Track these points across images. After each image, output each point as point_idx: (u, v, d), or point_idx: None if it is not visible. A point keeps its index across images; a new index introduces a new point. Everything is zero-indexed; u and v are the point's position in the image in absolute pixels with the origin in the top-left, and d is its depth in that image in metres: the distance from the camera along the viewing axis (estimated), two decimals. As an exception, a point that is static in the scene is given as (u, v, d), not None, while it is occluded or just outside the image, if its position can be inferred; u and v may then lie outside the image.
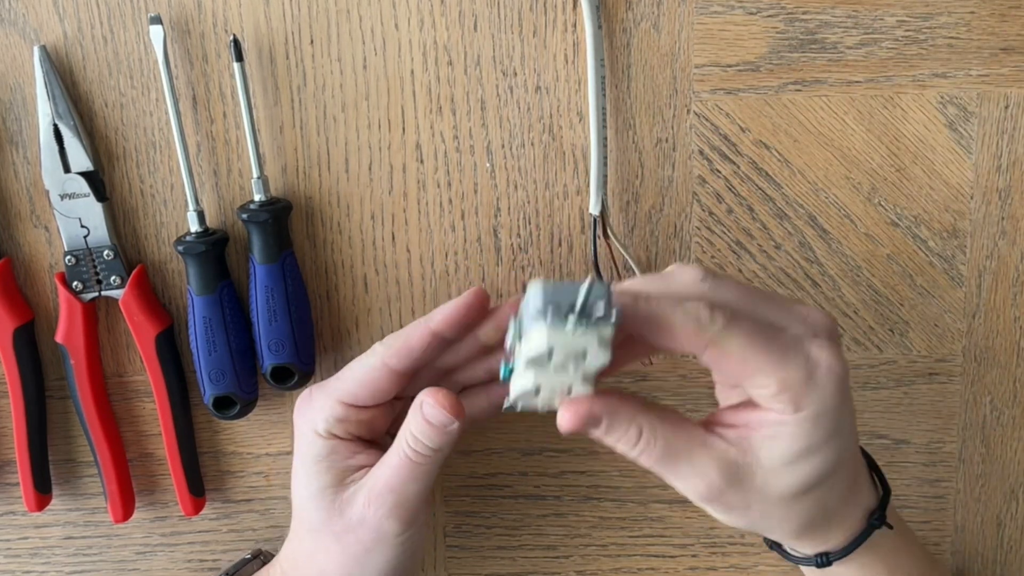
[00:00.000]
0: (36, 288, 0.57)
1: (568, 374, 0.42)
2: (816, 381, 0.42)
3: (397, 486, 0.49)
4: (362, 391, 0.50)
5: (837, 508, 0.46)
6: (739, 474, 0.43)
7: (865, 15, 0.53)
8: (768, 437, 0.43)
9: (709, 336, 0.41)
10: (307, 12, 0.53)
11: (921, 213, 0.56)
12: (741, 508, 0.44)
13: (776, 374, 0.42)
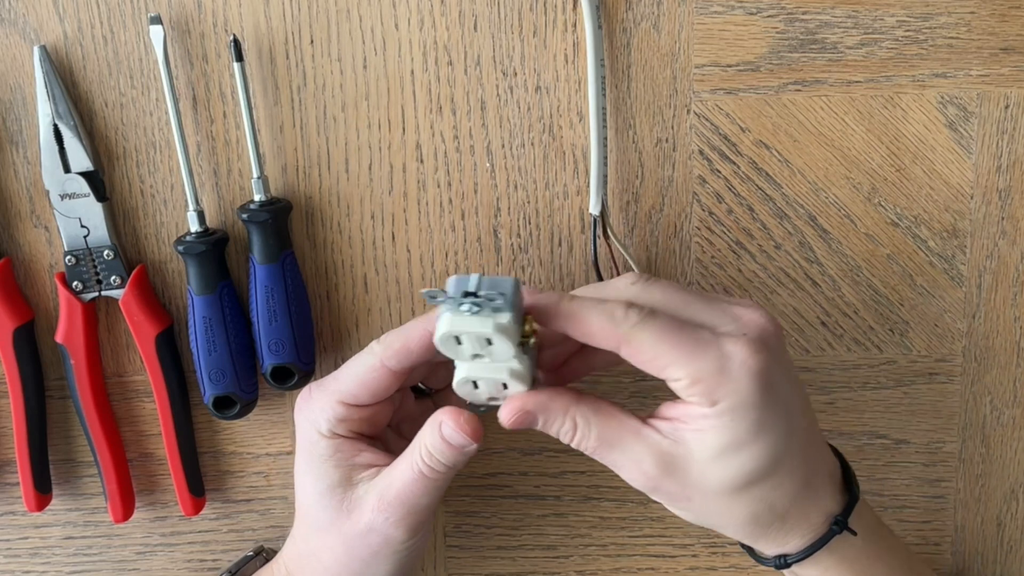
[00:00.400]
0: (36, 288, 0.57)
1: (498, 371, 0.45)
2: (729, 375, 0.43)
3: (408, 499, 0.49)
4: (361, 391, 0.50)
5: (789, 508, 0.47)
6: (674, 464, 0.45)
7: (865, 15, 0.53)
8: (696, 430, 0.45)
9: (622, 332, 0.44)
10: (307, 12, 0.53)
11: (921, 213, 0.56)
12: (683, 500, 0.47)
13: (686, 367, 0.43)
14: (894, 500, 0.60)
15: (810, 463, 0.47)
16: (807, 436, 0.47)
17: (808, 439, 0.47)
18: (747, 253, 0.56)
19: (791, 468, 0.46)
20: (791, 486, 0.46)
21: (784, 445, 0.45)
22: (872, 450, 0.59)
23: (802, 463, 0.46)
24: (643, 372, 0.58)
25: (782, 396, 0.45)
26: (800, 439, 0.46)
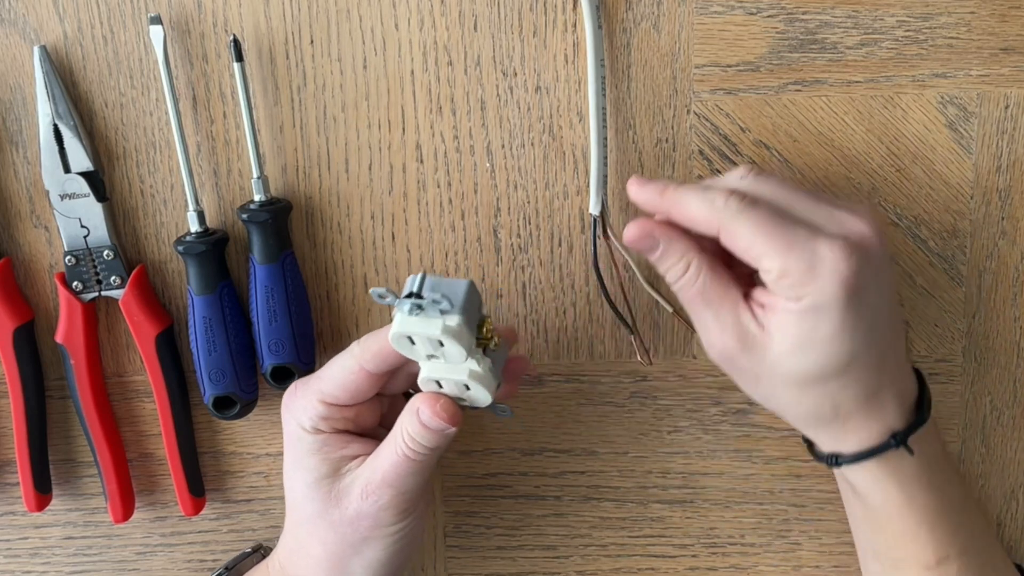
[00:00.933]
0: (36, 288, 0.57)
1: (458, 372, 0.47)
2: (817, 275, 0.44)
3: (395, 480, 0.49)
4: (341, 392, 0.50)
5: (851, 412, 0.48)
6: (753, 345, 0.46)
7: (865, 15, 0.53)
8: (779, 322, 0.46)
9: (721, 219, 0.45)
10: (307, 12, 0.53)
11: (921, 213, 0.56)
12: (752, 380, 0.48)
13: (777, 260, 0.44)
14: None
15: (884, 375, 0.47)
16: (886, 349, 0.47)
17: (886, 352, 0.47)
18: (747, 253, 0.56)
19: (861, 375, 0.46)
20: (858, 390, 0.47)
21: (858, 351, 0.46)
22: (872, 450, 0.59)
23: (875, 373, 0.47)
24: (644, 372, 0.58)
25: (868, 305, 0.45)
26: (877, 350, 0.46)
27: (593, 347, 0.58)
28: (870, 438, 0.48)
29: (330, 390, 0.50)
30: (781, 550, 0.61)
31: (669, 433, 0.59)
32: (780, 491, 0.60)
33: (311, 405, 0.51)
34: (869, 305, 0.45)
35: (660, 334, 0.57)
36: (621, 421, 0.59)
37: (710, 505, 0.60)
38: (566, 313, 0.57)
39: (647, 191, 0.48)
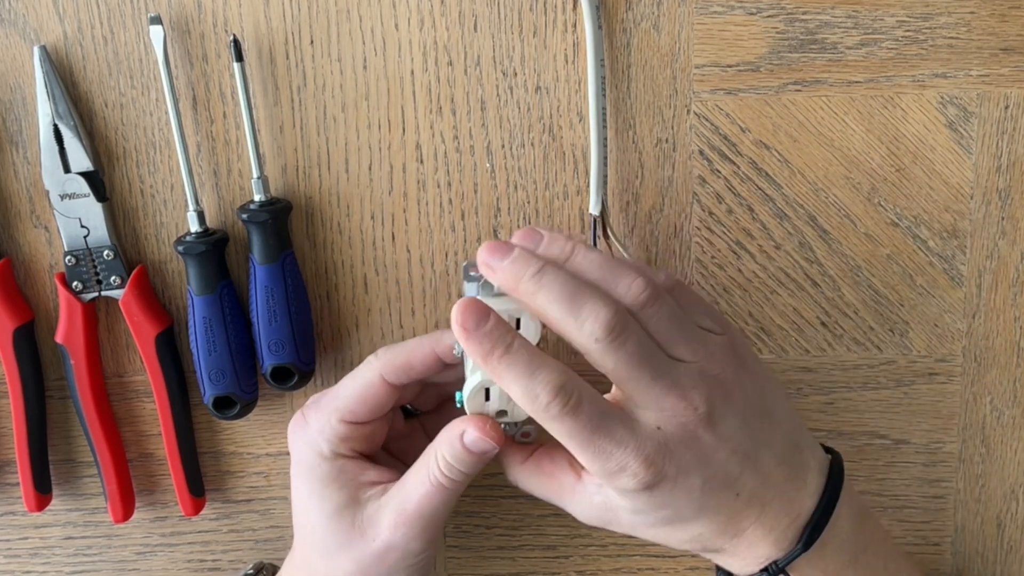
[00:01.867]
0: (36, 288, 0.57)
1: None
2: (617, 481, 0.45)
3: (428, 511, 0.49)
4: (361, 407, 0.50)
5: (718, 548, 0.48)
6: (608, 511, 0.47)
7: (865, 15, 0.53)
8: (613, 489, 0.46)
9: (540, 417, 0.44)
10: (307, 12, 0.53)
11: (921, 213, 0.56)
12: (629, 532, 0.48)
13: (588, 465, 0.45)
14: (894, 500, 0.60)
15: (735, 522, 0.47)
16: (726, 503, 0.46)
17: (728, 505, 0.46)
18: (747, 253, 0.56)
19: (706, 529, 0.47)
20: (712, 537, 0.47)
21: (688, 517, 0.46)
22: (872, 450, 0.59)
23: (720, 525, 0.47)
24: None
25: (684, 486, 0.45)
26: (714, 512, 0.46)
27: (593, 347, 0.58)
28: (747, 567, 0.48)
29: (348, 406, 0.50)
30: (781, 550, 0.61)
31: (669, 433, 0.59)
32: (780, 491, 0.60)
33: (328, 426, 0.50)
34: (690, 484, 0.45)
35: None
36: (621, 421, 0.59)
37: (710, 505, 0.60)
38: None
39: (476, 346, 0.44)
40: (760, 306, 0.57)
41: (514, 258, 0.45)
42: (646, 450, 0.44)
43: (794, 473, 0.47)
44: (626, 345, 0.44)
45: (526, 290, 0.44)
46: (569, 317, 0.44)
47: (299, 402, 0.59)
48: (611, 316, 0.44)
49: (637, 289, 0.45)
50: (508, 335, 0.44)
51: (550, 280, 0.44)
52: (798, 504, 0.47)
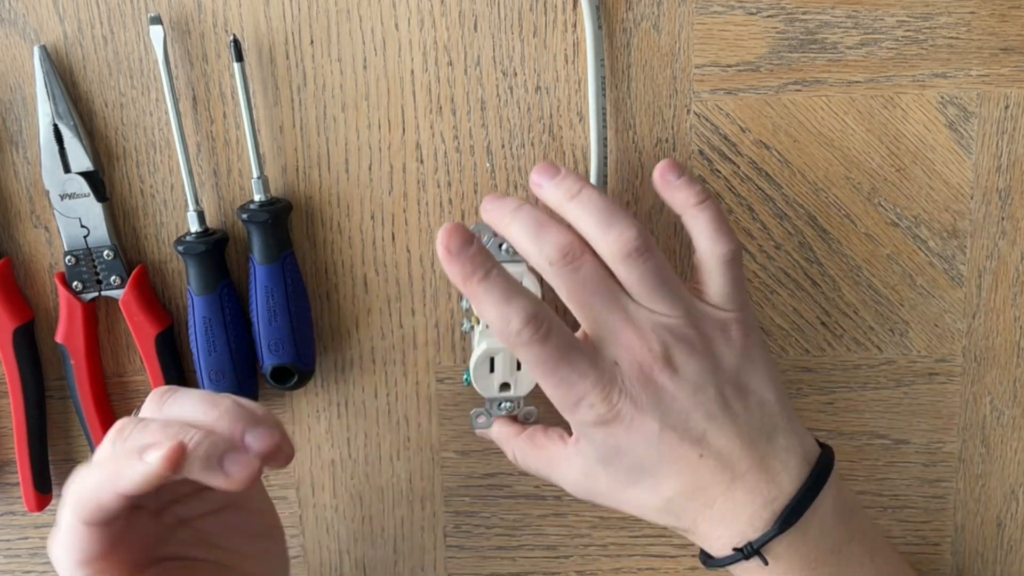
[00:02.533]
0: (36, 288, 0.57)
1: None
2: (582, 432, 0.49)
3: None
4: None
5: (691, 522, 0.48)
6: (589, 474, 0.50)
7: (865, 15, 0.53)
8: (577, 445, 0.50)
9: (510, 343, 0.47)
10: (307, 12, 0.53)
11: (921, 213, 0.56)
12: (602, 499, 0.50)
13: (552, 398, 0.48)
14: (894, 500, 0.60)
15: (702, 487, 0.47)
16: (689, 461, 0.47)
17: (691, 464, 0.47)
18: (747, 253, 0.56)
19: (673, 491, 0.48)
20: (682, 507, 0.48)
21: (648, 464, 0.48)
22: (872, 450, 0.59)
23: (687, 487, 0.48)
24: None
25: (642, 427, 0.47)
26: (674, 465, 0.47)
27: (593, 347, 0.58)
28: (723, 546, 0.48)
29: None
30: (781, 550, 0.61)
31: (669, 433, 0.59)
32: (780, 491, 0.60)
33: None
34: (648, 426, 0.47)
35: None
36: (621, 421, 0.59)
37: (710, 505, 0.60)
38: (566, 313, 0.57)
39: (457, 270, 0.46)
40: (760, 306, 0.57)
41: (504, 201, 0.50)
42: (603, 381, 0.47)
43: (768, 453, 0.48)
44: (581, 269, 0.47)
45: (504, 221, 0.49)
46: (531, 241, 0.48)
47: (299, 402, 0.59)
48: (566, 240, 0.47)
49: (627, 237, 0.47)
50: (489, 261, 0.46)
51: (524, 213, 0.48)
52: (775, 487, 0.47)
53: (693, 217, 0.49)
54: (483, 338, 0.53)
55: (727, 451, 0.47)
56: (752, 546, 0.47)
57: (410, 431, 0.59)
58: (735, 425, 0.47)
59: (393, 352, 0.58)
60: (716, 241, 0.49)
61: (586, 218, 0.48)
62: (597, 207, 0.48)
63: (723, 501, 0.47)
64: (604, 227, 0.47)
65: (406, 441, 0.59)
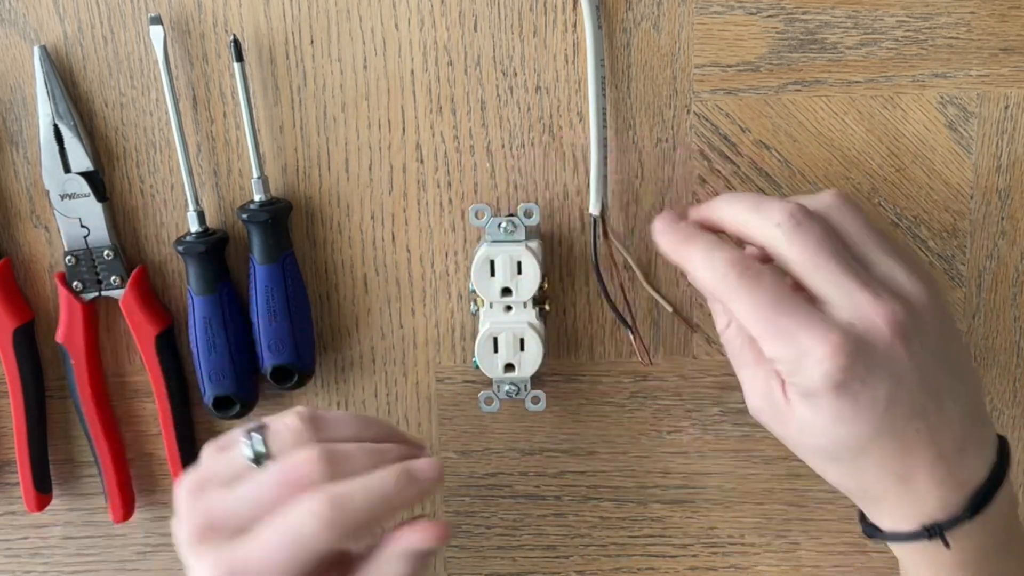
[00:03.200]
0: (36, 288, 0.57)
1: (519, 324, 0.54)
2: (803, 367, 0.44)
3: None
4: None
5: (879, 494, 0.46)
6: (778, 413, 0.46)
7: (865, 15, 0.53)
8: (793, 399, 0.46)
9: (718, 289, 0.45)
10: (307, 12, 0.53)
11: (921, 213, 0.56)
12: (783, 439, 0.47)
13: (768, 345, 0.45)
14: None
15: (915, 460, 0.45)
16: (914, 434, 0.45)
17: (916, 437, 0.45)
18: (747, 253, 0.56)
19: (878, 461, 0.45)
20: (879, 475, 0.46)
21: (864, 441, 0.45)
22: (872, 450, 0.59)
23: (898, 459, 0.45)
24: (644, 372, 0.58)
25: (873, 395, 0.44)
26: (897, 438, 0.45)
27: (593, 347, 0.58)
28: (904, 522, 0.47)
29: None
30: (781, 550, 0.61)
31: (669, 433, 0.59)
32: (780, 491, 0.60)
33: None
34: (875, 395, 0.44)
35: (660, 334, 0.57)
36: (621, 421, 0.59)
37: (710, 505, 0.60)
38: (566, 313, 0.57)
39: (668, 239, 0.48)
40: (760, 306, 0.57)
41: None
42: (835, 337, 0.43)
43: (974, 436, 0.47)
44: (811, 232, 0.45)
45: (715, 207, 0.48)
46: (753, 212, 0.46)
47: (299, 402, 0.59)
48: (793, 207, 0.45)
49: (828, 196, 0.47)
50: (690, 229, 0.47)
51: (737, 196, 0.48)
52: (970, 469, 0.46)
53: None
54: (487, 318, 0.54)
55: (941, 431, 0.45)
56: (939, 527, 0.46)
57: (410, 431, 0.59)
58: (954, 407, 0.46)
59: (393, 352, 0.58)
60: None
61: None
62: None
63: (923, 478, 0.46)
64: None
65: (406, 441, 0.59)
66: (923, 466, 0.46)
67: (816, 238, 0.45)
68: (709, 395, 0.58)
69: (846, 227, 0.46)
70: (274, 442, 0.45)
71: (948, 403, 0.46)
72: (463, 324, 0.57)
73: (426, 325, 0.58)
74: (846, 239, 0.46)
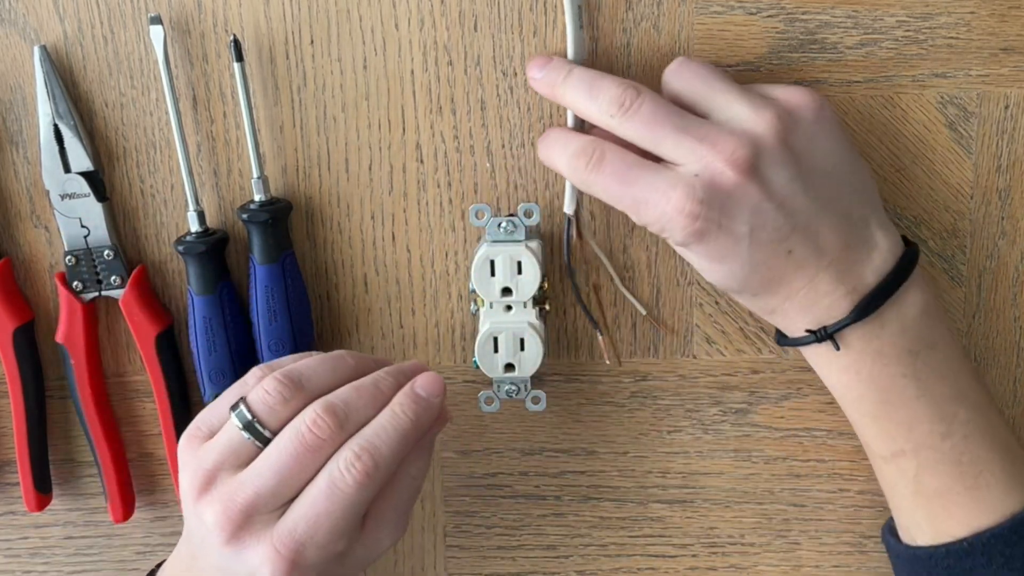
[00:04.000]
0: (36, 288, 0.57)
1: (519, 323, 0.54)
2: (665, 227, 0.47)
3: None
4: None
5: (774, 307, 0.50)
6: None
7: (865, 15, 0.53)
8: None
9: (574, 178, 0.50)
10: (307, 12, 0.53)
11: (921, 213, 0.56)
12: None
13: (633, 216, 0.48)
14: (894, 500, 0.60)
15: (788, 279, 0.48)
16: (777, 258, 0.48)
17: (778, 261, 0.48)
18: (747, 253, 0.56)
19: (760, 287, 0.49)
20: (768, 296, 0.49)
21: (739, 273, 0.48)
22: (872, 450, 0.59)
23: (773, 282, 0.48)
24: (644, 372, 0.58)
25: (739, 231, 0.47)
26: (764, 266, 0.48)
27: (593, 347, 0.58)
28: (800, 328, 0.50)
29: None
30: (781, 550, 0.61)
31: (669, 433, 0.59)
32: (780, 491, 0.60)
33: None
34: (737, 233, 0.47)
35: (660, 336, 0.57)
36: (621, 421, 0.59)
37: (710, 505, 0.60)
38: (566, 313, 0.57)
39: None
40: (760, 306, 0.57)
41: (550, 67, 0.51)
42: (679, 194, 0.46)
43: (856, 243, 0.49)
44: (641, 109, 0.48)
45: (559, 92, 0.50)
46: (589, 101, 0.49)
47: (299, 402, 0.59)
48: (619, 89, 0.48)
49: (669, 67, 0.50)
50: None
51: (575, 78, 0.50)
52: (856, 276, 0.49)
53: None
54: (487, 318, 0.54)
55: (815, 248, 0.48)
56: (826, 330, 0.49)
57: (410, 431, 0.59)
58: (827, 218, 0.48)
59: (393, 352, 0.58)
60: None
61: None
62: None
63: (806, 291, 0.49)
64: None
65: (406, 441, 0.59)
66: (803, 282, 0.48)
67: (646, 115, 0.48)
68: (709, 395, 0.58)
69: (684, 87, 0.49)
70: (261, 411, 0.46)
71: (820, 218, 0.48)
72: (463, 324, 0.57)
73: (426, 325, 0.58)
74: (685, 99, 0.49)
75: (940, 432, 0.50)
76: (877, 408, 0.50)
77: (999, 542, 0.49)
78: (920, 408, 0.50)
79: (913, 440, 0.50)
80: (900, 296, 0.49)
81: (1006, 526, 0.49)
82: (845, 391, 0.51)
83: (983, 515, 0.50)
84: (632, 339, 0.58)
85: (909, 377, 0.49)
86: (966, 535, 0.50)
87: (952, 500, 0.50)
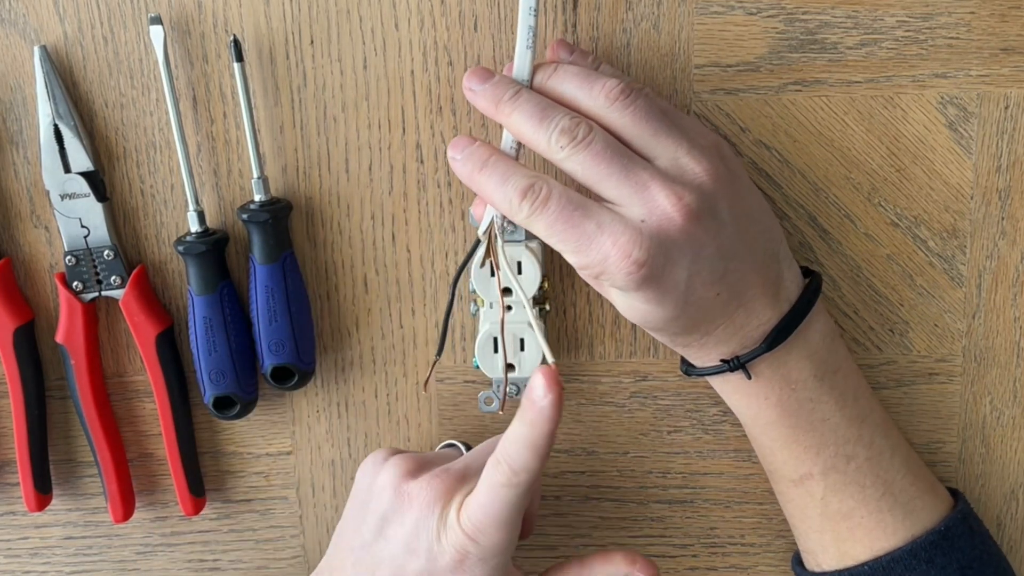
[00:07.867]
0: (36, 288, 0.57)
1: (519, 324, 0.54)
2: (608, 270, 0.46)
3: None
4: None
5: (689, 343, 0.50)
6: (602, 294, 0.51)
7: (865, 15, 0.53)
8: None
9: (517, 219, 0.47)
10: (307, 12, 0.53)
11: (921, 213, 0.56)
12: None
13: (573, 258, 0.46)
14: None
15: (712, 319, 0.49)
16: (706, 301, 0.48)
17: (707, 303, 0.48)
18: (747, 253, 0.56)
19: (683, 327, 0.49)
20: (687, 334, 0.49)
21: (670, 315, 0.47)
22: (872, 450, 0.59)
23: (698, 321, 0.49)
24: (644, 372, 0.58)
25: (674, 277, 0.46)
26: (695, 308, 0.48)
27: (593, 347, 0.58)
28: (713, 358, 0.50)
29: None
30: (781, 550, 0.61)
31: (669, 433, 0.59)
32: (780, 491, 0.60)
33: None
34: (676, 279, 0.46)
35: (660, 334, 0.58)
36: (621, 421, 0.59)
37: (710, 505, 0.60)
38: (566, 313, 0.57)
39: (461, 167, 0.49)
40: (760, 306, 0.57)
41: (494, 82, 0.48)
42: (625, 240, 0.45)
43: (770, 280, 0.50)
44: (591, 146, 0.46)
45: (503, 111, 0.48)
46: (539, 132, 0.46)
47: (299, 401, 0.59)
48: (570, 123, 0.46)
49: (611, 86, 0.47)
50: (483, 152, 0.48)
51: (524, 100, 0.47)
52: (769, 310, 0.49)
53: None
54: (487, 318, 0.54)
55: (739, 288, 0.48)
56: (739, 360, 0.49)
57: (410, 431, 0.59)
58: (750, 259, 0.49)
59: (393, 352, 0.58)
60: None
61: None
62: (574, 73, 0.48)
63: (724, 327, 0.49)
64: (588, 84, 0.47)
65: (406, 441, 0.59)
66: (722, 320, 0.49)
67: (591, 154, 0.46)
68: (709, 395, 0.58)
69: (622, 127, 0.47)
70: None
71: (745, 260, 0.48)
72: (463, 324, 0.58)
73: (426, 325, 0.58)
74: (625, 138, 0.47)
75: (846, 454, 0.51)
76: (786, 433, 0.51)
77: (898, 566, 0.51)
78: (827, 431, 0.51)
79: (820, 463, 0.51)
80: (806, 323, 0.50)
81: (905, 549, 0.51)
82: (755, 417, 0.52)
83: (885, 538, 0.52)
84: (632, 339, 0.58)
85: (816, 401, 0.51)
86: (868, 559, 0.51)
87: (857, 523, 0.52)
